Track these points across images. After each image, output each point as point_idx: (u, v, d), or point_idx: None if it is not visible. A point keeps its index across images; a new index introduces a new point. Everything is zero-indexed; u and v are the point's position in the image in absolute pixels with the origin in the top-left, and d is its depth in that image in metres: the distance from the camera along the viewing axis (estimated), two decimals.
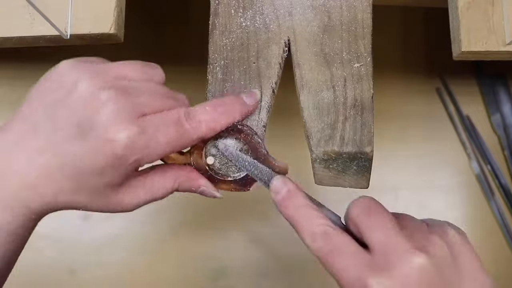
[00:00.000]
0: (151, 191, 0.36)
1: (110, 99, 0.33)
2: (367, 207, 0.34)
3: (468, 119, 0.68)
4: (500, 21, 0.43)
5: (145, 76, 0.37)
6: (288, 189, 0.36)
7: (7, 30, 0.44)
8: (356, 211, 0.34)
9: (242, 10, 0.42)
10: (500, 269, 0.65)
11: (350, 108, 0.40)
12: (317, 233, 0.33)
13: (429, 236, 0.33)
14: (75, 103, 0.34)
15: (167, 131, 0.34)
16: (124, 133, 0.32)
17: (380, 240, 0.32)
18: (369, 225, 0.33)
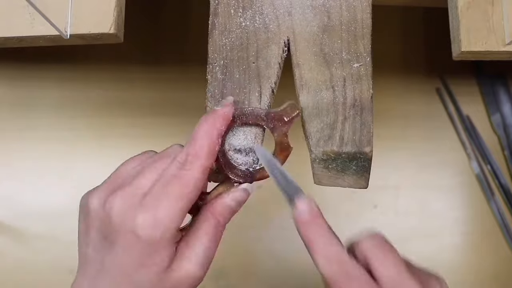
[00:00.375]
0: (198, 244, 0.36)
1: (113, 206, 0.35)
2: (381, 243, 0.35)
3: (468, 119, 0.68)
4: (500, 21, 0.43)
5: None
6: (313, 210, 0.36)
7: (7, 30, 0.44)
8: (369, 244, 0.35)
9: (242, 10, 0.42)
10: (500, 269, 0.65)
11: (350, 108, 0.40)
12: (333, 258, 0.34)
13: (429, 279, 0.36)
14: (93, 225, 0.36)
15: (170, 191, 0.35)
16: (136, 222, 0.34)
17: (391, 275, 0.34)
18: (383, 260, 0.34)
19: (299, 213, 0.36)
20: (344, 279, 0.34)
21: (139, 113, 0.68)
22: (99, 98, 0.68)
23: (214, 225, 0.37)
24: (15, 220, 0.65)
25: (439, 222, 0.66)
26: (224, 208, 0.38)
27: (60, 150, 0.67)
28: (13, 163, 0.67)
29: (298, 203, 0.36)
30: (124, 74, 0.69)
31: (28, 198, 0.66)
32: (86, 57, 0.68)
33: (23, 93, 0.68)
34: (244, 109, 0.39)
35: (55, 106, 0.68)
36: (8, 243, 0.64)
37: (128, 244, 0.34)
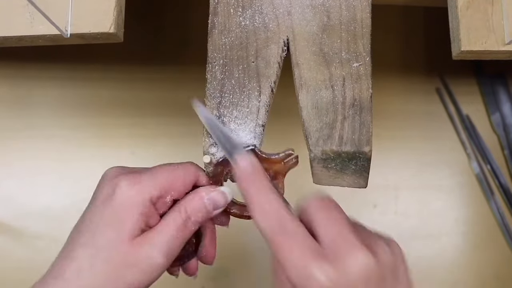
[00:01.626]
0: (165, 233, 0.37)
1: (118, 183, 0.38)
2: (325, 202, 0.34)
3: (468, 119, 0.68)
4: (500, 20, 0.43)
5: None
6: (254, 166, 0.36)
7: (7, 29, 0.44)
8: (313, 205, 0.34)
9: (241, 9, 0.42)
10: (500, 269, 0.65)
11: (349, 107, 0.40)
12: (271, 211, 0.34)
13: (377, 241, 0.34)
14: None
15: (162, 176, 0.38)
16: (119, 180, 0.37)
17: (332, 234, 0.32)
18: (323, 217, 0.33)
19: (240, 166, 0.36)
20: (281, 234, 0.33)
21: (139, 113, 0.68)
22: (99, 98, 0.68)
23: (184, 219, 0.37)
24: (15, 220, 0.65)
25: (439, 222, 0.66)
26: (199, 206, 0.38)
27: (60, 150, 0.67)
28: (13, 163, 0.67)
29: (238, 159, 0.36)
30: (124, 74, 0.69)
31: (28, 198, 0.66)
32: (86, 57, 0.68)
33: (23, 93, 0.68)
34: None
35: (55, 106, 0.68)
36: (8, 243, 0.64)
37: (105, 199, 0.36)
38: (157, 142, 0.67)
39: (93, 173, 0.66)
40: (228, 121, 0.40)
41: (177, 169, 0.39)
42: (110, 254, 0.35)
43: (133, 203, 0.36)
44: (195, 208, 0.38)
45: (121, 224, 0.36)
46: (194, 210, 0.38)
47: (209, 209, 0.38)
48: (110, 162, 0.66)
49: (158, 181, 0.37)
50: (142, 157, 0.67)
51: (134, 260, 0.36)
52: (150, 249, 0.36)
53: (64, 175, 0.66)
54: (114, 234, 0.36)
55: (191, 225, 0.38)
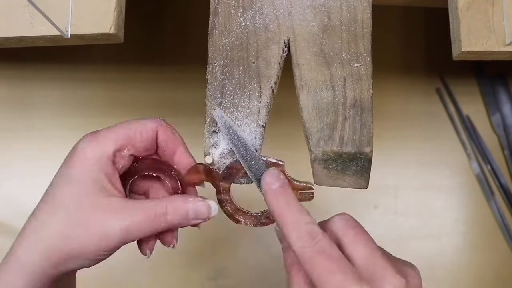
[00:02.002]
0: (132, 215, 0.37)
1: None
2: (352, 224, 0.35)
3: (468, 119, 0.68)
4: (500, 21, 0.43)
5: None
6: (283, 183, 0.36)
7: (7, 30, 0.44)
8: (341, 224, 0.35)
9: (242, 10, 0.42)
10: (500, 269, 0.65)
11: (350, 108, 0.40)
12: (304, 231, 0.33)
13: (404, 265, 0.35)
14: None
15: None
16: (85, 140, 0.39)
17: (365, 255, 0.33)
18: (355, 239, 0.34)
19: (267, 185, 0.36)
20: (317, 254, 0.32)
21: (139, 113, 0.68)
22: (99, 98, 0.68)
23: (158, 213, 0.37)
24: (15, 220, 0.65)
25: (439, 222, 0.66)
26: (181, 209, 0.38)
27: (60, 150, 0.67)
28: (13, 163, 0.66)
29: (267, 176, 0.36)
30: (124, 74, 0.69)
31: (28, 198, 0.65)
32: (86, 57, 0.68)
33: (24, 94, 0.68)
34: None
35: (55, 106, 0.68)
36: (8, 243, 0.64)
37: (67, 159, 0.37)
38: None
39: None
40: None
41: (135, 123, 0.38)
42: (68, 209, 0.35)
43: (90, 158, 0.36)
44: (175, 209, 0.37)
45: (79, 179, 0.36)
46: (173, 210, 0.37)
47: (189, 216, 0.38)
48: None
49: (114, 136, 0.37)
50: None
51: (91, 220, 0.35)
52: (110, 217, 0.35)
53: None
54: (74, 189, 0.36)
55: (162, 222, 0.37)
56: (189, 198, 0.38)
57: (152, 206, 0.37)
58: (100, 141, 0.37)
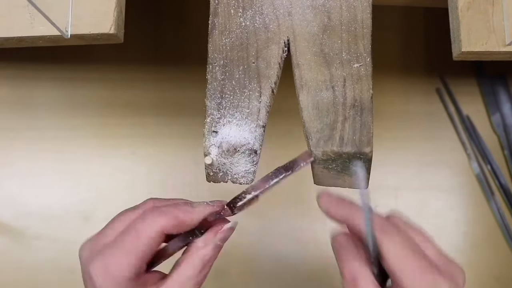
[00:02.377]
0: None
1: (82, 253, 0.37)
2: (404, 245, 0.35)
3: (468, 119, 0.68)
4: (500, 21, 0.43)
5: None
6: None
7: (7, 30, 0.44)
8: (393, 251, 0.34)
9: (242, 10, 0.42)
10: (500, 269, 0.65)
11: (350, 108, 0.40)
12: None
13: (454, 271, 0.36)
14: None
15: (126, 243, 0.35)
16: (90, 270, 0.35)
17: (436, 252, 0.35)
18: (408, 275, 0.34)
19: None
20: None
21: (139, 113, 0.68)
22: (99, 98, 0.68)
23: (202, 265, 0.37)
24: (15, 220, 0.65)
25: (439, 222, 0.66)
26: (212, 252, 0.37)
27: (60, 150, 0.67)
28: (13, 163, 0.67)
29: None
30: (124, 74, 0.69)
31: (28, 198, 0.66)
32: (86, 58, 0.68)
33: (24, 94, 0.68)
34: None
35: (55, 106, 0.68)
36: (8, 243, 0.64)
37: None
38: (157, 142, 0.67)
39: (93, 173, 0.67)
40: (228, 122, 0.40)
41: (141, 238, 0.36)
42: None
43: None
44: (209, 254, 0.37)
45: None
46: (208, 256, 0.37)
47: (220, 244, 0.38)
48: (110, 162, 0.67)
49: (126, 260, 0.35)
50: (142, 157, 0.67)
51: None
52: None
53: (64, 175, 0.66)
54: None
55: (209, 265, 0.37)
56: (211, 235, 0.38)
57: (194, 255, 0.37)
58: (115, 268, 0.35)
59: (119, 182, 0.66)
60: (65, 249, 0.64)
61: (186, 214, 0.36)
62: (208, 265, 0.37)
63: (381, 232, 0.34)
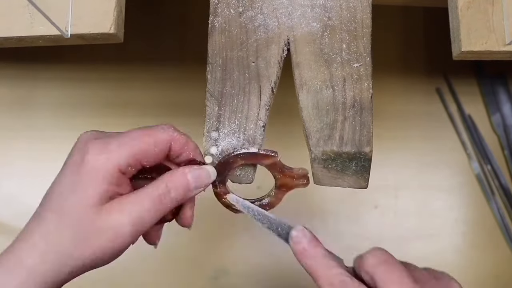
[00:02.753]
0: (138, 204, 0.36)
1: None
2: (383, 259, 0.35)
3: (470, 119, 0.68)
4: (500, 20, 0.43)
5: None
6: (308, 239, 0.37)
7: (7, 30, 0.44)
8: (372, 262, 0.35)
9: (242, 9, 0.42)
10: (500, 269, 0.65)
11: (350, 108, 0.40)
12: (336, 282, 0.35)
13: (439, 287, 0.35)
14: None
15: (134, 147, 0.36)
16: (88, 146, 0.37)
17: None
18: (387, 277, 0.34)
19: (295, 244, 0.37)
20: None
21: (139, 113, 0.68)
22: (99, 98, 0.68)
23: (161, 193, 0.36)
24: (15, 220, 0.65)
25: (439, 222, 0.66)
26: (181, 182, 0.37)
27: (60, 150, 0.67)
28: (13, 163, 0.67)
29: (294, 235, 0.37)
30: (124, 74, 0.69)
31: (28, 198, 0.66)
32: (86, 57, 0.68)
33: (24, 94, 0.68)
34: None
35: (55, 106, 0.68)
36: (8, 243, 0.64)
37: (74, 165, 0.36)
38: None
39: None
40: (228, 121, 0.40)
41: (148, 135, 0.37)
42: (76, 219, 0.35)
43: (100, 172, 0.35)
44: (176, 183, 0.37)
45: (87, 191, 0.35)
46: (175, 185, 0.37)
47: (190, 186, 0.37)
48: None
49: (127, 151, 0.36)
50: None
51: (100, 226, 0.35)
52: (117, 216, 0.35)
53: None
54: (81, 200, 0.35)
55: (168, 200, 0.37)
56: (185, 169, 0.38)
57: (154, 189, 0.36)
58: (112, 155, 0.36)
59: None
60: None
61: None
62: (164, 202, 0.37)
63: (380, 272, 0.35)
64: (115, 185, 0.36)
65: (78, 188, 0.36)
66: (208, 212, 0.66)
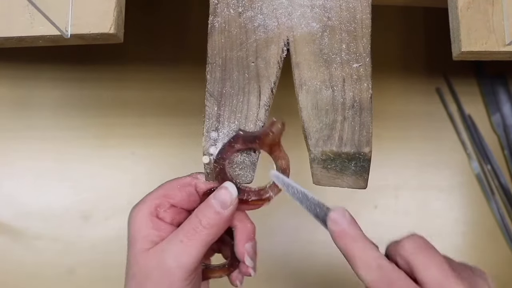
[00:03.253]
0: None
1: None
2: (422, 245, 0.35)
3: (470, 119, 0.68)
4: (500, 21, 0.43)
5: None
6: (348, 221, 0.36)
7: (7, 30, 0.44)
8: (410, 247, 0.35)
9: (241, 9, 0.42)
10: (500, 269, 0.65)
11: (349, 108, 0.40)
12: (373, 266, 0.34)
13: (475, 277, 0.35)
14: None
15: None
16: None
17: (436, 278, 0.33)
18: (425, 261, 0.34)
19: (334, 225, 0.36)
20: (387, 286, 0.34)
21: (139, 113, 0.68)
22: (99, 98, 0.68)
23: (194, 224, 0.38)
24: (15, 220, 0.65)
25: (439, 222, 0.66)
26: (207, 208, 0.38)
27: (59, 150, 0.67)
28: (13, 163, 0.67)
29: (333, 216, 0.37)
30: (124, 74, 0.69)
31: (28, 198, 0.66)
32: (86, 58, 0.68)
33: (23, 93, 0.68)
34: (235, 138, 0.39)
35: (55, 106, 0.68)
36: (8, 243, 0.64)
37: (130, 223, 0.39)
38: (157, 142, 0.67)
39: (93, 173, 0.67)
40: (227, 121, 0.40)
41: (172, 180, 0.41)
42: (134, 271, 0.38)
43: (138, 221, 0.39)
44: (203, 211, 0.38)
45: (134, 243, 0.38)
46: (202, 212, 0.38)
47: (217, 209, 0.38)
48: (110, 162, 0.67)
49: (154, 193, 0.40)
50: (142, 157, 0.67)
51: (149, 270, 0.37)
52: (160, 256, 0.37)
53: (64, 175, 0.66)
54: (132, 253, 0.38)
55: (202, 229, 0.38)
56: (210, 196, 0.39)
57: (187, 223, 0.38)
58: (144, 202, 0.40)
59: (119, 182, 0.66)
60: (65, 249, 0.64)
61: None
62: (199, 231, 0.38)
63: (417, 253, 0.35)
64: (153, 228, 0.38)
65: (131, 244, 0.39)
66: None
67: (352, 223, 0.36)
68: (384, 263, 0.34)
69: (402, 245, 0.35)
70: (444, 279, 0.33)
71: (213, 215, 0.38)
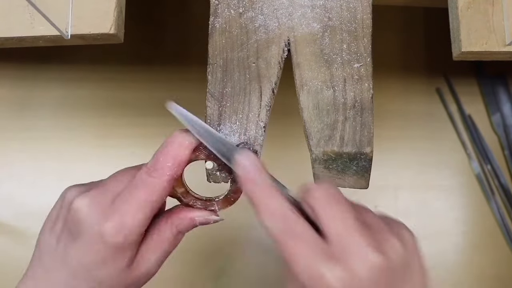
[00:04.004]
0: (158, 249, 0.38)
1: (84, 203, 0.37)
2: (330, 194, 0.33)
3: (470, 119, 0.68)
4: (500, 21, 0.43)
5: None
6: (252, 163, 0.35)
7: (7, 30, 0.44)
8: (317, 195, 0.33)
9: (242, 10, 0.42)
10: (500, 269, 0.65)
11: (350, 108, 0.40)
12: (277, 214, 0.33)
13: (387, 236, 0.33)
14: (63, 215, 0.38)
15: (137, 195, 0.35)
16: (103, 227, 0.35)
17: (339, 232, 0.32)
18: (330, 213, 0.32)
19: (241, 168, 0.35)
20: (289, 237, 0.32)
21: (139, 113, 0.68)
22: (99, 98, 0.68)
23: (175, 234, 0.38)
24: (15, 220, 0.65)
25: (439, 222, 0.66)
26: (189, 225, 0.39)
27: (60, 150, 0.67)
28: (13, 164, 0.67)
29: (239, 159, 0.35)
30: (124, 74, 0.69)
31: (28, 198, 0.66)
32: (86, 57, 0.68)
33: (24, 94, 0.68)
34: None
35: (55, 106, 0.68)
36: (8, 243, 0.64)
37: (93, 243, 0.35)
38: (157, 142, 0.67)
39: (93, 173, 0.66)
40: (228, 122, 0.40)
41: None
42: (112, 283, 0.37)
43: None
44: (185, 226, 0.39)
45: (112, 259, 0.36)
46: (183, 227, 0.39)
47: (197, 225, 0.39)
48: (110, 162, 0.67)
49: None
50: (142, 157, 0.67)
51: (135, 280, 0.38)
52: (148, 268, 0.38)
53: (64, 175, 0.66)
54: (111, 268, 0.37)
55: (180, 236, 0.39)
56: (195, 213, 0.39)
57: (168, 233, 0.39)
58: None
59: None
60: None
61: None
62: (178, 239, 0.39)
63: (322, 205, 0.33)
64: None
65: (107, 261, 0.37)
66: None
67: (256, 166, 0.35)
68: (289, 213, 0.33)
69: (312, 194, 0.33)
70: (346, 234, 0.31)
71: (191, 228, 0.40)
